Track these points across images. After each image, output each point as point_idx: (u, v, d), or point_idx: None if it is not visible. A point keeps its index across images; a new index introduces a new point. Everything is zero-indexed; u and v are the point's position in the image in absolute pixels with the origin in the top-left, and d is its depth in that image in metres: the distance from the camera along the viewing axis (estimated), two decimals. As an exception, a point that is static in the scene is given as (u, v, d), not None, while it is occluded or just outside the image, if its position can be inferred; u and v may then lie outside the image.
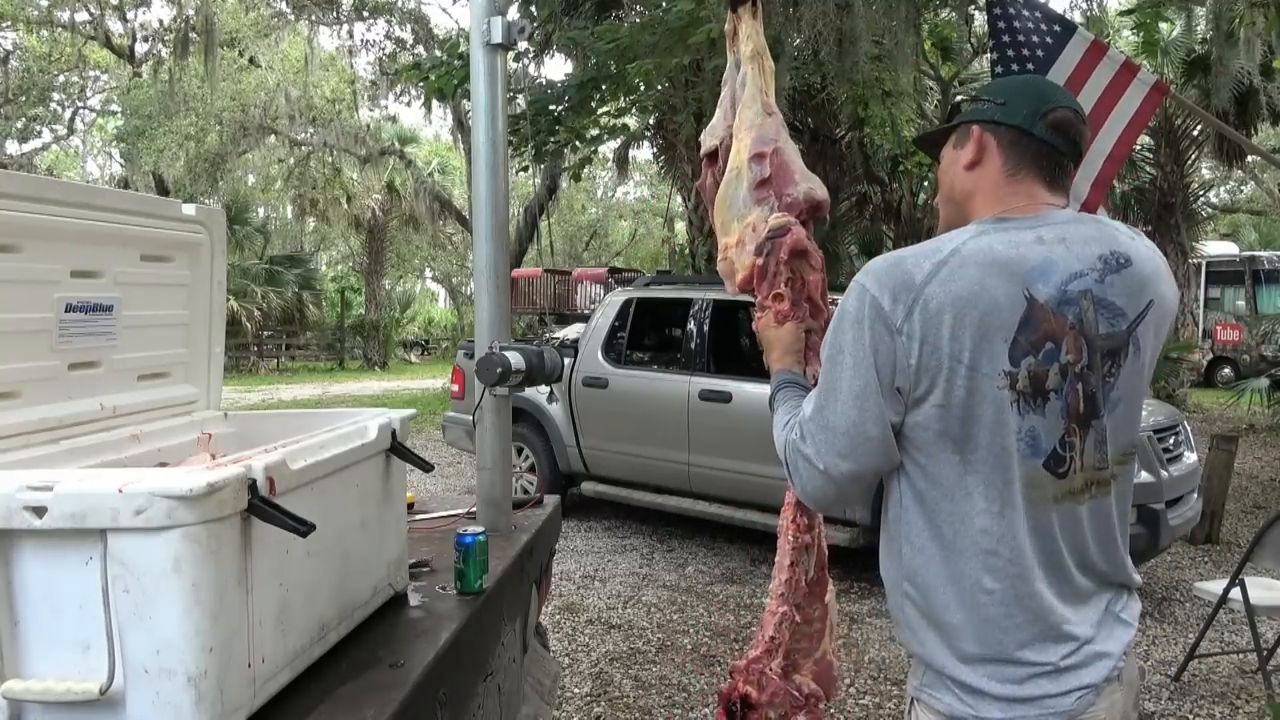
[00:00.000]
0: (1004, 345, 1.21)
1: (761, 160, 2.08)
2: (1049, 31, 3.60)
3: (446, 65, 9.60)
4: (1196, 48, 11.55)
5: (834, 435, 1.27)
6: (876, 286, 1.24)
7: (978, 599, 1.24)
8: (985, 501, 1.23)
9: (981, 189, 1.37)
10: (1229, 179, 21.78)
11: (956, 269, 1.22)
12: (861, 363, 1.24)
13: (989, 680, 1.24)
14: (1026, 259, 1.23)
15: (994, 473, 1.23)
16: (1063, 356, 1.23)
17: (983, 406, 1.21)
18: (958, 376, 1.21)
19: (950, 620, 1.26)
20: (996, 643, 1.24)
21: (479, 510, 2.51)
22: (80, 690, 1.14)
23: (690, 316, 6.09)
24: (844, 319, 1.27)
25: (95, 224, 1.66)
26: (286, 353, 23.91)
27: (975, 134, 1.37)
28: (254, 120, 20.30)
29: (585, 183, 26.26)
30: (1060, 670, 1.24)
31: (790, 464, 1.34)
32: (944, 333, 1.20)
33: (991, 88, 1.44)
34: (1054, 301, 1.23)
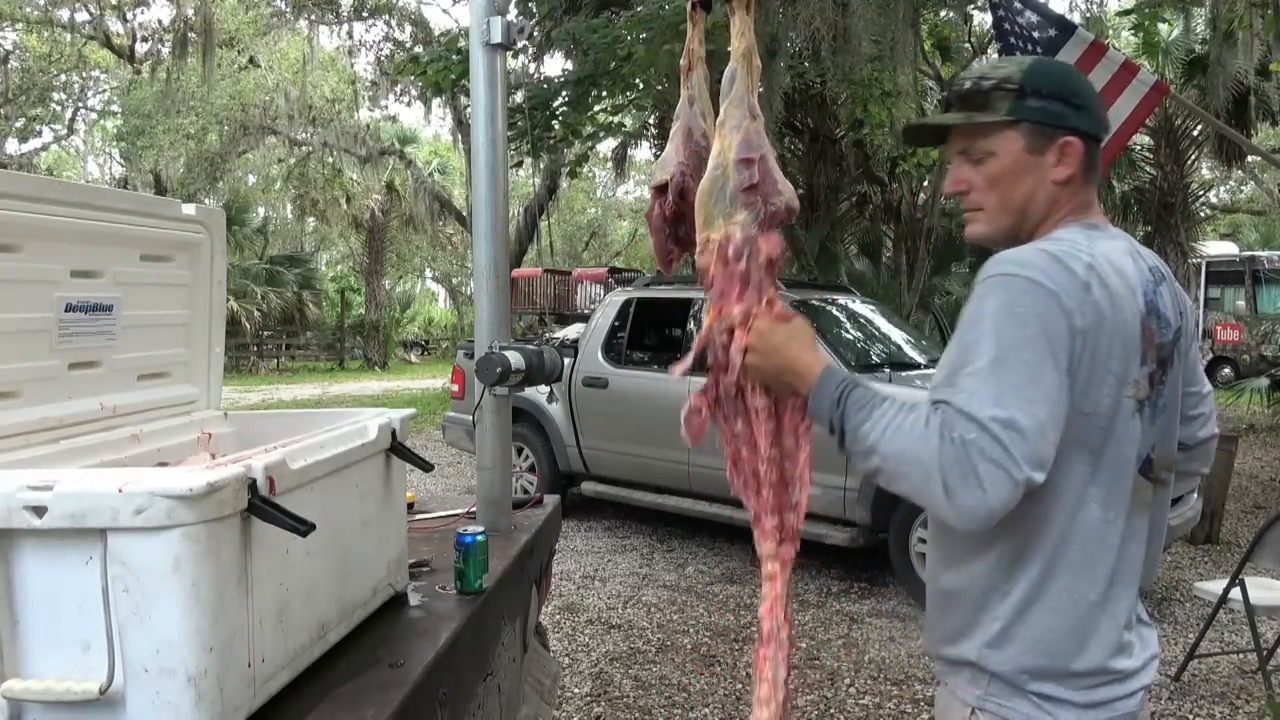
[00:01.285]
0: (1136, 354, 1.20)
1: (750, 166, 2.12)
2: (1045, 39, 3.61)
3: (444, 60, 9.60)
4: (1196, 48, 11.55)
5: (1026, 438, 1.09)
6: (1053, 283, 1.15)
7: (1078, 607, 1.22)
8: (1102, 510, 1.21)
9: (1063, 203, 1.29)
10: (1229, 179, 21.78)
11: (1105, 276, 1.18)
12: (1047, 361, 1.13)
13: (1068, 689, 1.22)
14: (1130, 270, 1.23)
15: (1114, 481, 1.22)
16: (1150, 365, 1.24)
17: (1119, 416, 1.20)
18: (1105, 385, 1.17)
19: (1043, 628, 1.22)
20: (1088, 652, 1.22)
21: (479, 510, 2.51)
22: (80, 690, 1.14)
23: (690, 316, 6.09)
24: (1015, 312, 1.14)
25: (95, 224, 1.66)
26: (286, 353, 23.91)
27: (1072, 146, 1.26)
28: (254, 120, 20.30)
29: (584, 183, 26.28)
30: (1130, 674, 1.25)
31: (961, 472, 1.09)
32: (1102, 340, 1.16)
33: (1046, 76, 1.29)
34: (1144, 311, 1.23)
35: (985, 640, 1.25)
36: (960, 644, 1.28)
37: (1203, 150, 12.93)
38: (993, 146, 1.29)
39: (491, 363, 2.39)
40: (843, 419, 1.22)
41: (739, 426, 1.44)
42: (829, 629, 4.46)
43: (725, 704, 3.61)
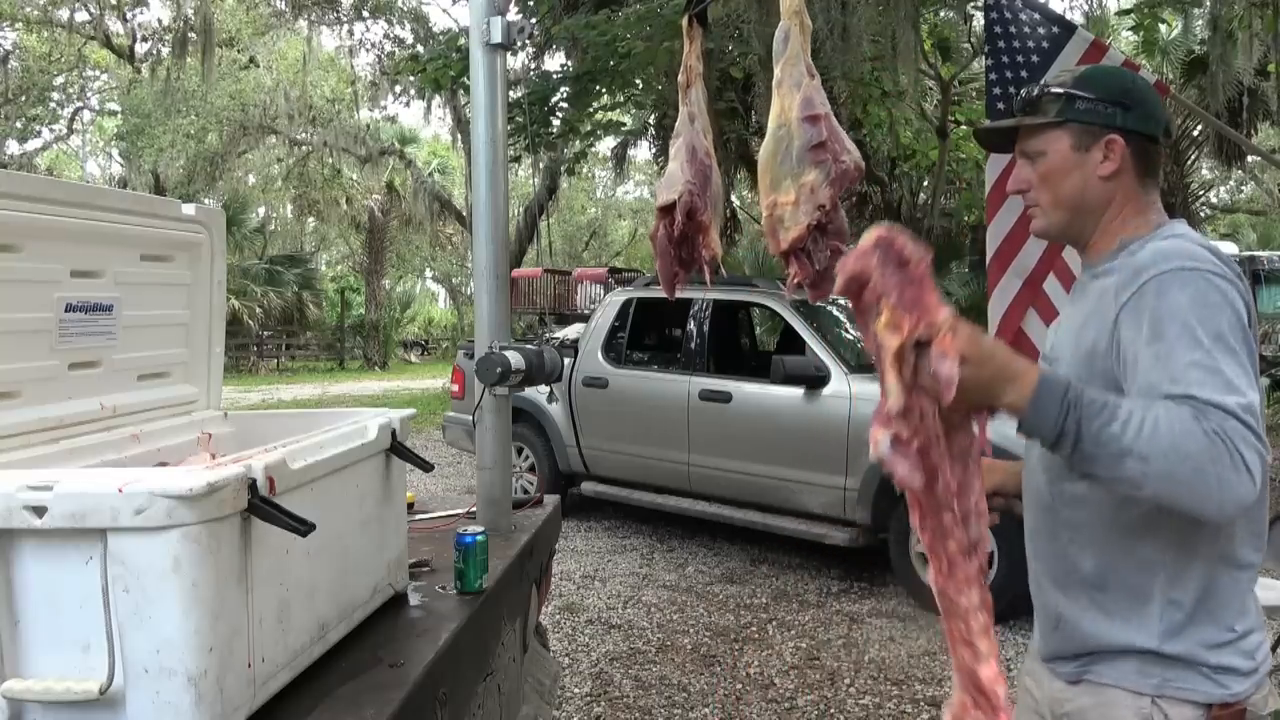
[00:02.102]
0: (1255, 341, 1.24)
1: (816, 123, 2.11)
2: (1047, 35, 3.60)
3: (444, 57, 9.61)
4: (1196, 48, 11.55)
5: (1259, 416, 1.13)
6: (1231, 273, 1.22)
7: (1238, 577, 1.27)
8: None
9: (1119, 200, 1.35)
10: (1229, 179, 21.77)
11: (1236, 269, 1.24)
12: (1244, 341, 1.18)
13: (1235, 655, 1.26)
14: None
15: None
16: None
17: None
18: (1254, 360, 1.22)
19: (1220, 601, 1.25)
20: (1248, 613, 1.27)
21: (479, 510, 2.51)
22: (80, 690, 1.14)
23: (690, 316, 6.09)
24: (1210, 301, 1.18)
25: (95, 224, 1.66)
26: (286, 353, 23.91)
27: (1116, 144, 1.33)
28: (253, 120, 20.30)
29: (584, 182, 26.29)
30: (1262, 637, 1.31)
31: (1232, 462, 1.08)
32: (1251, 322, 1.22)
33: (1099, 81, 1.37)
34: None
35: (1167, 626, 1.25)
36: (1127, 632, 1.28)
37: (1203, 150, 12.92)
38: (1044, 146, 1.37)
39: (491, 363, 2.39)
40: (1079, 423, 1.13)
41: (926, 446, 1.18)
42: (829, 629, 4.46)
43: (725, 704, 3.61)
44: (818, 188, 2.08)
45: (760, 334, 8.98)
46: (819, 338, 5.42)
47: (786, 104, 2.17)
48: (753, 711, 3.57)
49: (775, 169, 2.13)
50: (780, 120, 2.17)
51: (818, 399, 5.13)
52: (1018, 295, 3.47)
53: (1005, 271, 3.56)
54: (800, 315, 5.59)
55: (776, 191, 2.13)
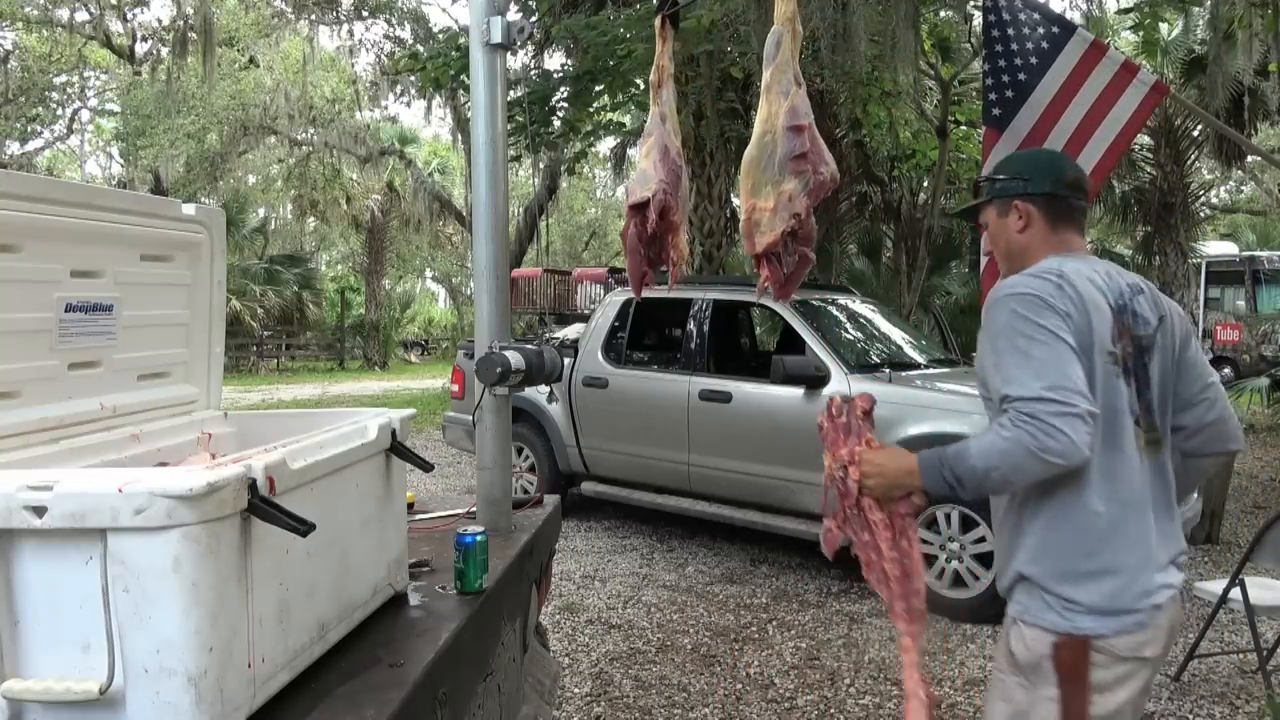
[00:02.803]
0: (1109, 331, 1.63)
1: (800, 134, 2.21)
2: (1046, 35, 3.60)
3: (444, 56, 9.60)
4: (1196, 48, 11.55)
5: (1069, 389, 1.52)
6: (1031, 289, 1.62)
7: (1086, 522, 1.60)
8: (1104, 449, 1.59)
9: (1034, 244, 1.79)
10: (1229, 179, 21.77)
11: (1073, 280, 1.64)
12: (1051, 337, 1.57)
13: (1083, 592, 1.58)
14: (1099, 283, 1.68)
15: (1111, 428, 1.61)
16: (1128, 347, 1.67)
17: (1107, 377, 1.62)
18: (1094, 351, 1.60)
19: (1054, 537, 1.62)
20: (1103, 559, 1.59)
21: (479, 510, 2.51)
22: (80, 690, 1.14)
23: (690, 316, 6.09)
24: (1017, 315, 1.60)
25: (95, 224, 1.66)
26: (286, 353, 23.92)
27: (1019, 206, 1.80)
28: (254, 120, 20.29)
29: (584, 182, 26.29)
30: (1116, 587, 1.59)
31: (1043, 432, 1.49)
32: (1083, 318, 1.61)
33: (1010, 164, 1.89)
34: (1117, 310, 1.67)
35: (1027, 553, 1.65)
36: (1014, 563, 1.68)
37: (1203, 150, 12.92)
38: (985, 218, 1.89)
39: (491, 363, 2.39)
40: (954, 474, 1.59)
41: (865, 537, 1.81)
42: (829, 629, 4.46)
43: (725, 704, 3.61)
44: (795, 196, 2.17)
45: (760, 334, 8.99)
46: (819, 338, 5.42)
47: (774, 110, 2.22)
48: (753, 711, 3.57)
49: (757, 174, 2.20)
50: (766, 126, 2.22)
51: (818, 399, 5.13)
52: None
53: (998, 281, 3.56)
54: (800, 315, 5.59)
55: (757, 197, 2.21)
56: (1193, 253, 14.17)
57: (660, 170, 2.55)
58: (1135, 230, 13.59)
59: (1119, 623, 1.57)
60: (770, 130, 2.22)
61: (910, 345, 6.25)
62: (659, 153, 2.59)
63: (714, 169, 10.73)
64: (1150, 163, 12.87)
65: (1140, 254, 13.38)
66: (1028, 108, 3.58)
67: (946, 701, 3.65)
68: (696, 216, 10.96)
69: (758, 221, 2.22)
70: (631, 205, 2.62)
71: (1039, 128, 3.57)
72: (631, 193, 2.65)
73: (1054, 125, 3.55)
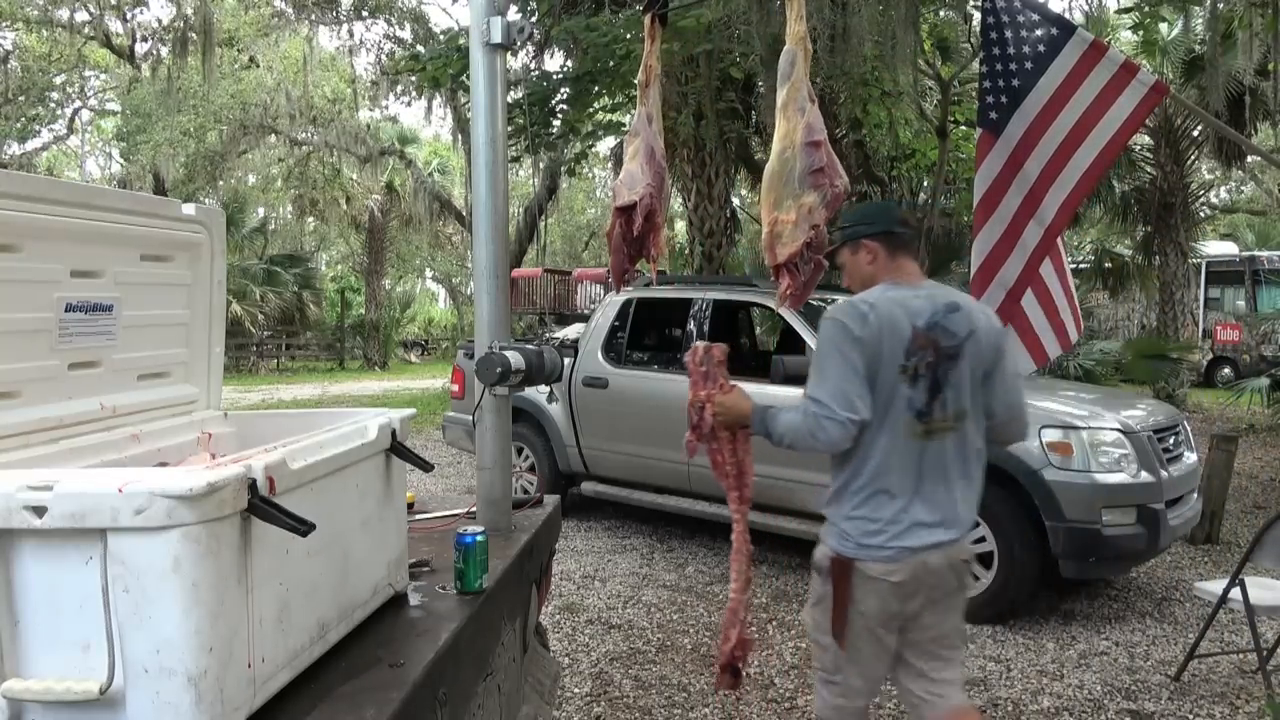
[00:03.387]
0: (903, 349, 2.18)
1: (818, 149, 2.36)
2: (1045, 36, 3.59)
3: (444, 57, 9.59)
4: (1196, 48, 11.53)
5: (835, 402, 2.15)
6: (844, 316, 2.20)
7: (857, 487, 2.24)
8: (886, 437, 2.20)
9: (878, 272, 2.34)
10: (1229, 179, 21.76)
11: (880, 309, 2.19)
12: (840, 360, 2.18)
13: (853, 528, 2.24)
14: (911, 305, 2.22)
15: (892, 422, 2.20)
16: (928, 357, 2.20)
17: (893, 385, 2.18)
18: (883, 366, 2.17)
19: (857, 499, 2.24)
20: (866, 509, 2.23)
21: (479, 510, 2.51)
22: (80, 690, 1.14)
23: (690, 316, 6.09)
24: (826, 336, 2.22)
25: (95, 224, 1.66)
26: (286, 353, 23.91)
27: (866, 244, 2.35)
28: (254, 119, 20.28)
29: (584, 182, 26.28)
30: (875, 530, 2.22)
31: (817, 425, 2.16)
32: (877, 342, 2.17)
33: (854, 214, 2.44)
34: (924, 327, 2.20)
35: (829, 501, 2.32)
36: (827, 509, 2.34)
37: (1203, 150, 12.90)
38: (841, 258, 2.42)
39: (491, 363, 2.39)
40: (767, 429, 2.31)
41: (714, 448, 2.50)
42: (829, 629, 4.46)
43: (725, 704, 3.61)
44: (815, 209, 2.32)
45: (760, 334, 8.98)
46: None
47: (792, 126, 2.31)
48: (753, 711, 3.57)
49: (779, 189, 2.31)
50: (786, 143, 2.32)
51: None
52: (1000, 307, 3.48)
53: (990, 283, 3.56)
54: (800, 315, 5.58)
55: (779, 210, 2.34)
56: (1193, 253, 14.15)
57: (647, 173, 2.58)
58: (1135, 230, 13.57)
59: (871, 554, 2.21)
60: (790, 146, 2.36)
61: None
62: (645, 155, 2.62)
63: (714, 169, 10.73)
64: (1150, 163, 12.86)
65: (1140, 254, 13.36)
66: (1023, 111, 3.57)
67: (946, 701, 3.65)
68: (696, 216, 10.96)
69: (779, 234, 2.40)
70: (619, 207, 2.66)
71: (1032, 131, 3.57)
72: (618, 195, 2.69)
73: (1050, 125, 3.55)
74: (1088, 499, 4.32)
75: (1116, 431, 4.50)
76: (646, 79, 2.70)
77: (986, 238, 3.60)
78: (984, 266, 3.61)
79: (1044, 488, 4.36)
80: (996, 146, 3.62)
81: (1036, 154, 3.55)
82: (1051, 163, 3.53)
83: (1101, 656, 4.13)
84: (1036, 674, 3.93)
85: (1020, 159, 3.57)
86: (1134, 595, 5.01)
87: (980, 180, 3.66)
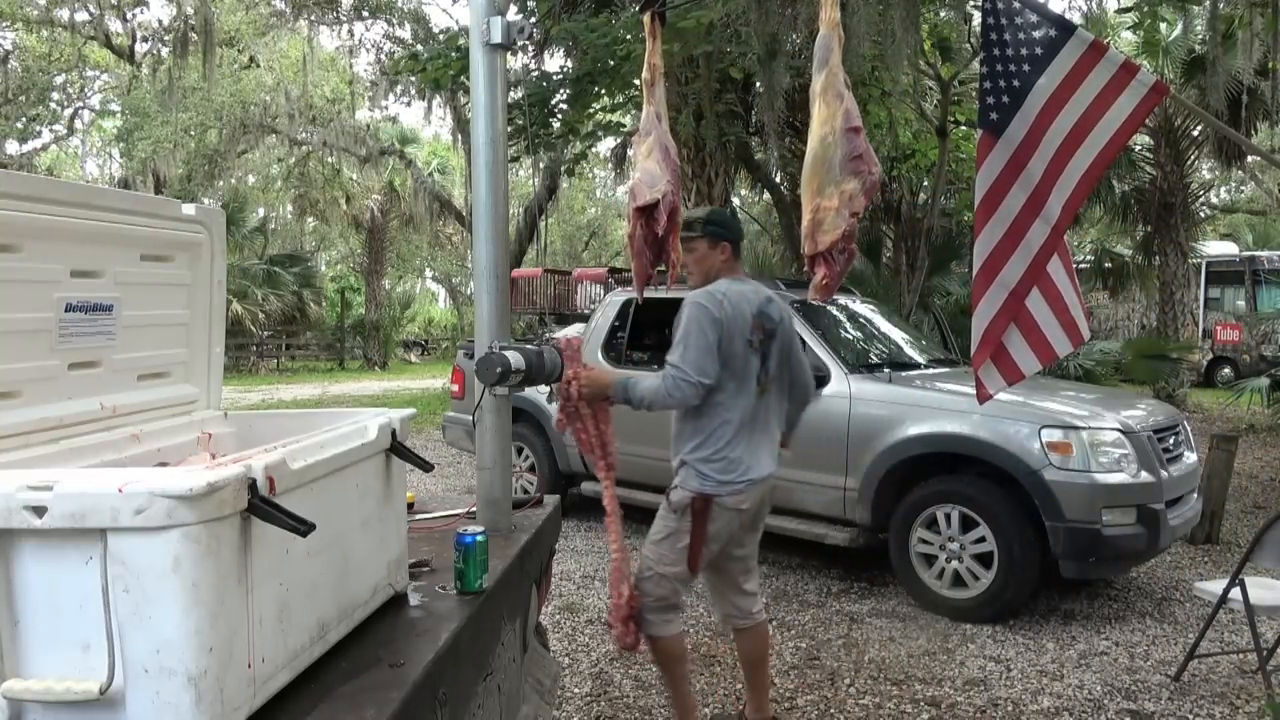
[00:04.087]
0: (748, 328, 2.81)
1: (857, 135, 2.43)
2: (1044, 37, 3.59)
3: (444, 57, 9.59)
4: (1197, 48, 11.53)
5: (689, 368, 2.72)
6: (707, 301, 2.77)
7: (714, 429, 2.80)
8: (735, 398, 2.81)
9: (725, 269, 2.93)
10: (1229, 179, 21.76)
11: (729, 297, 2.79)
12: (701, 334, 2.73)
13: (713, 470, 2.80)
14: (748, 296, 2.84)
15: (743, 385, 2.83)
16: (760, 335, 2.85)
17: (744, 355, 2.80)
18: (735, 341, 2.78)
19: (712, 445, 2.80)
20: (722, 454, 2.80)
21: (479, 510, 2.51)
22: (80, 690, 1.14)
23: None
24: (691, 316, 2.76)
25: (95, 224, 1.66)
26: (286, 353, 23.91)
27: (724, 245, 2.92)
28: (253, 119, 20.28)
29: (584, 182, 26.28)
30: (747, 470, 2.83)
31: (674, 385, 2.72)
32: (731, 322, 2.76)
33: (718, 216, 2.97)
34: (756, 313, 2.85)
35: (688, 447, 2.85)
36: (679, 452, 2.87)
37: (1203, 150, 12.90)
38: (697, 246, 2.92)
39: (491, 363, 2.39)
40: (628, 396, 2.78)
41: (579, 424, 2.89)
42: (829, 629, 4.46)
43: (725, 704, 3.61)
44: (855, 195, 2.30)
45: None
46: (819, 338, 5.42)
47: (832, 112, 2.29)
48: (753, 711, 3.57)
49: (822, 175, 2.32)
50: (827, 128, 2.30)
51: (817, 399, 5.12)
52: (1003, 306, 3.47)
53: (991, 283, 3.55)
54: (800, 315, 5.58)
55: (821, 196, 2.33)
56: (1193, 253, 14.15)
57: (665, 171, 2.57)
58: (1135, 230, 13.56)
59: (728, 488, 2.79)
60: (831, 131, 2.37)
61: (910, 345, 6.24)
62: (660, 152, 2.61)
63: (714, 169, 10.72)
64: (1150, 163, 12.85)
65: (1140, 254, 13.36)
66: (1023, 112, 3.57)
67: (946, 701, 3.65)
68: (696, 216, 10.95)
69: (821, 220, 2.43)
70: (640, 208, 2.66)
71: (1033, 132, 3.56)
72: (638, 194, 2.70)
73: (1049, 126, 3.54)
74: (1088, 499, 4.32)
75: (1116, 431, 4.50)
76: (652, 77, 2.70)
77: (988, 238, 3.60)
78: (985, 266, 3.61)
79: (1044, 488, 4.36)
80: (997, 147, 3.61)
81: (1039, 154, 3.54)
82: (1053, 163, 3.53)
83: (1101, 656, 4.13)
84: (1036, 674, 3.93)
85: (1022, 159, 3.56)
86: (1134, 595, 5.01)
87: (981, 180, 3.66)
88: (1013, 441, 4.49)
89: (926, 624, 4.51)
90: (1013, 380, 3.28)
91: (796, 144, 11.83)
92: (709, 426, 2.79)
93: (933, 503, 4.72)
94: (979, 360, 3.24)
